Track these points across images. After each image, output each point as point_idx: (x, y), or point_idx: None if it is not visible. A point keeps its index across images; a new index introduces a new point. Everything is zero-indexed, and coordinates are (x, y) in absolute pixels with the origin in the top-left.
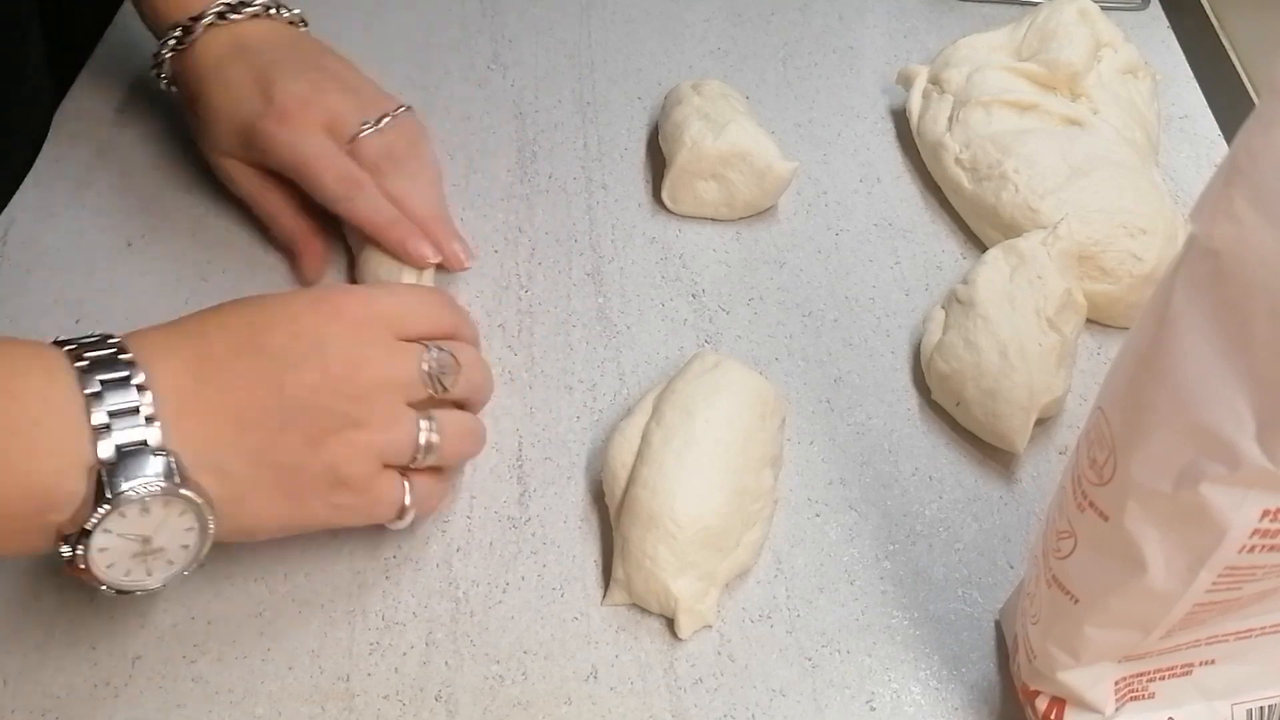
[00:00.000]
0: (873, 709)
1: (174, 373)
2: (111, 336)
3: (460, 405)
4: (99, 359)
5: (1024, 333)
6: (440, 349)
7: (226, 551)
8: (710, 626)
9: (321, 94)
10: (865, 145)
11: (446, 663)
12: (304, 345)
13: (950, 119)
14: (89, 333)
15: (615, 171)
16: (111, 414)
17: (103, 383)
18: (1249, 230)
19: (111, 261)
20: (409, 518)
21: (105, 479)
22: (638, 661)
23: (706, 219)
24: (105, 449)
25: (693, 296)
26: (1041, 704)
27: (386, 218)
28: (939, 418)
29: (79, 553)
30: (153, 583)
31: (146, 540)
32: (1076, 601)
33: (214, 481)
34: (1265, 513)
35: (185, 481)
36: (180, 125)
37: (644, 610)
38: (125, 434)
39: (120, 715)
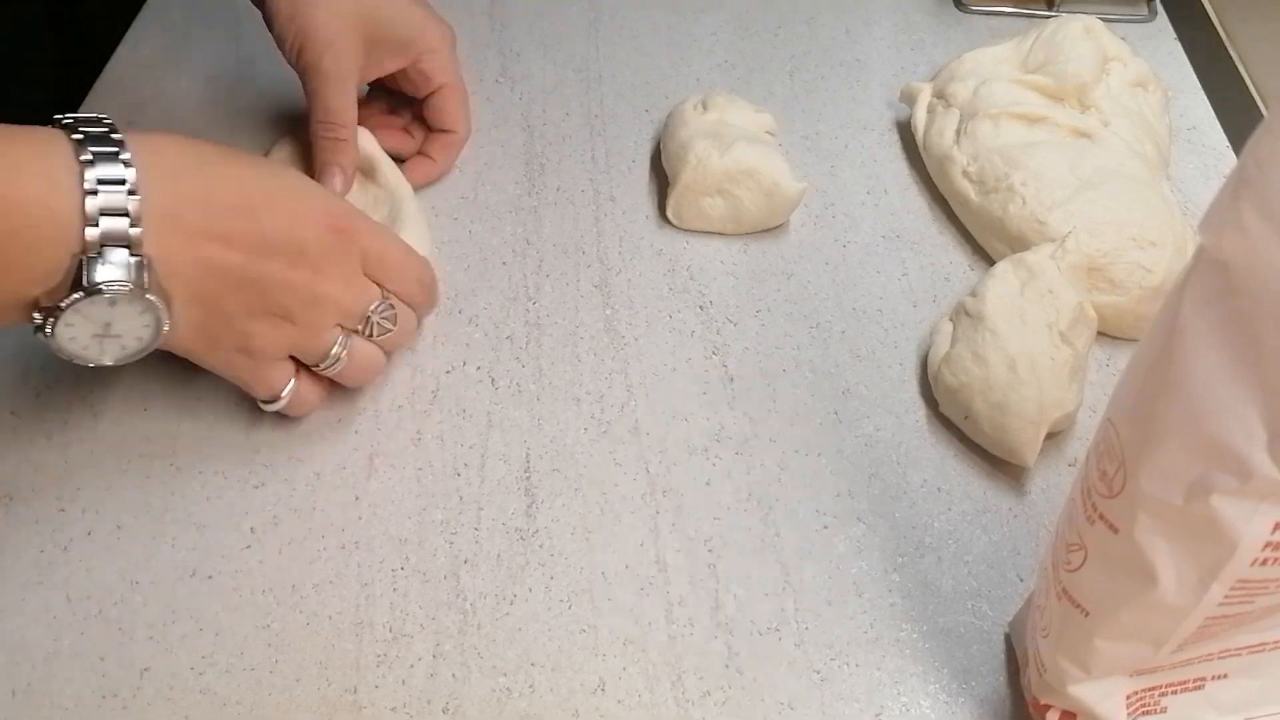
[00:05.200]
0: None
1: (166, 194)
2: (122, 150)
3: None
4: (100, 154)
5: (1034, 347)
6: (391, 306)
7: (234, 563)
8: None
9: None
10: (872, 157)
11: (454, 675)
12: (290, 239)
13: (958, 132)
14: (94, 114)
15: (623, 184)
16: (102, 210)
17: (100, 180)
18: (1258, 241)
19: None
20: (277, 406)
21: (85, 269)
22: (645, 674)
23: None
24: (91, 236)
25: (700, 308)
26: (1052, 718)
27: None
28: (947, 430)
29: (49, 325)
30: (106, 359)
31: (108, 325)
32: (1087, 614)
33: (167, 293)
34: (1277, 525)
35: (151, 286)
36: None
37: (650, 621)
38: (110, 225)
39: None
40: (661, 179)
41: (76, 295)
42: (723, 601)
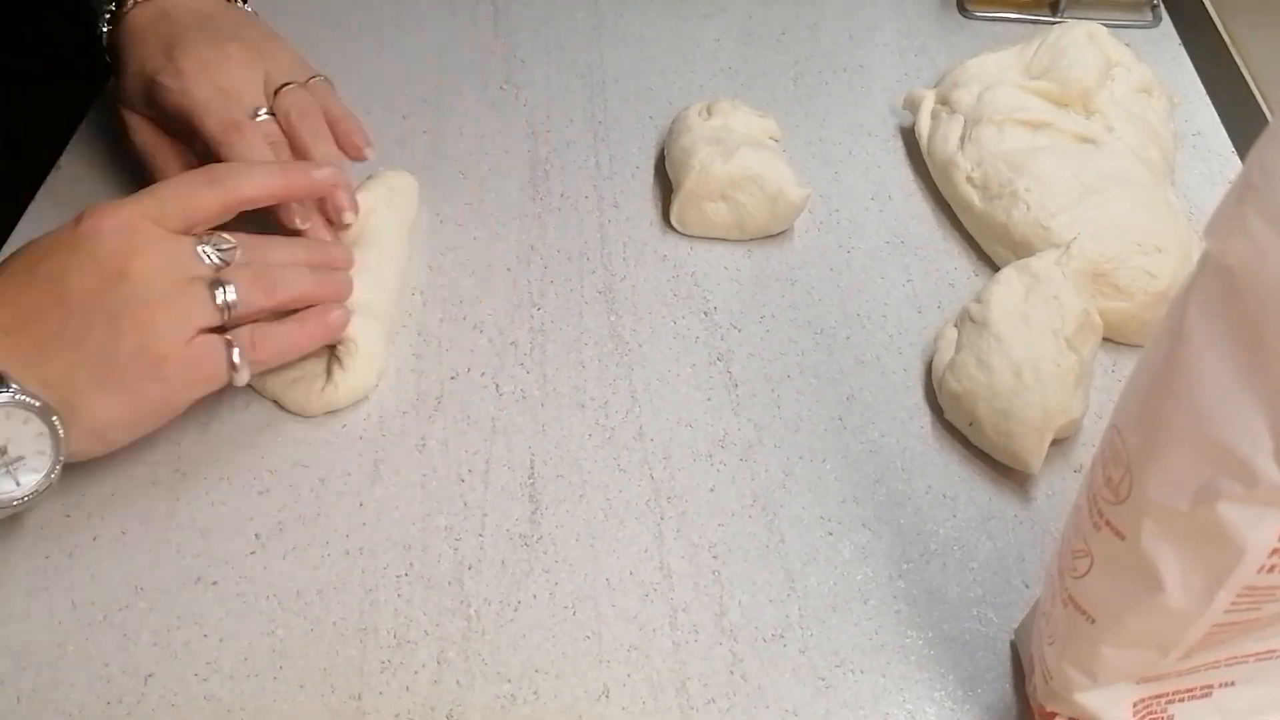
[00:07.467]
0: None
1: None
2: None
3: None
4: None
5: (1039, 353)
6: (217, 233)
7: (239, 569)
8: None
9: (224, 59)
10: (876, 163)
11: (458, 682)
12: (76, 257)
13: (962, 138)
14: None
15: (627, 190)
16: None
17: None
18: (1263, 246)
19: None
20: (244, 372)
21: None
22: (649, 681)
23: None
24: None
25: (704, 314)
26: None
27: (262, 164)
28: (952, 435)
29: None
30: (21, 491)
31: (3, 451)
32: (1093, 621)
33: (42, 393)
34: None
35: (18, 390)
36: None
37: (654, 627)
38: None
39: None
40: (665, 185)
41: None
42: (727, 608)
